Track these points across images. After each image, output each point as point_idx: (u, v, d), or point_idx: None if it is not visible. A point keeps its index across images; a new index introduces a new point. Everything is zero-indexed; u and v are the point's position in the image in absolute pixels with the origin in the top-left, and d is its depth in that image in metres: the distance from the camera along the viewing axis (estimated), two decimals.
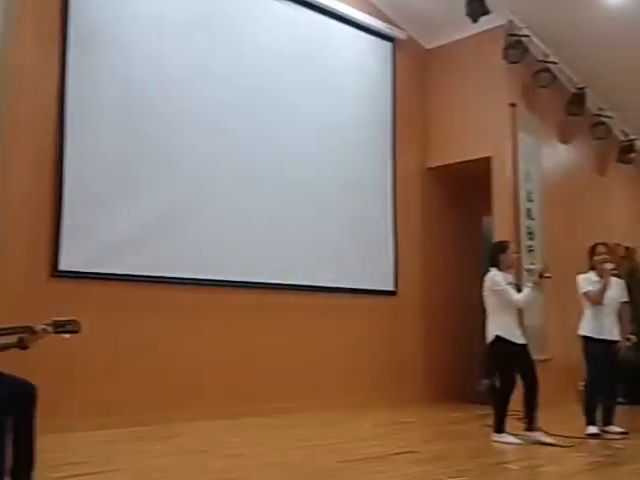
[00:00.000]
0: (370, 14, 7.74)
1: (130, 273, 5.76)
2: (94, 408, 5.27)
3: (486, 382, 7.98)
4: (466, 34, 7.88)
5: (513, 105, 7.65)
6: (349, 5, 7.50)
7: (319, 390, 6.71)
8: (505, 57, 7.51)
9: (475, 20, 7.12)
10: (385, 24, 7.89)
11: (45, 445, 3.52)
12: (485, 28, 7.52)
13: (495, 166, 7.67)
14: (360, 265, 7.38)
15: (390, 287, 7.73)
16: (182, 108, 6.21)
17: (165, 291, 5.91)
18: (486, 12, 7.08)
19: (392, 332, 7.63)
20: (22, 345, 3.68)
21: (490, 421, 5.25)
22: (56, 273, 5.40)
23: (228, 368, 6.12)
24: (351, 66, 7.63)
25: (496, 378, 5.49)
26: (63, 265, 5.42)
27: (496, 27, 7.56)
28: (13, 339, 3.68)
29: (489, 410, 5.37)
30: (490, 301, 5.33)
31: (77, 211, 5.49)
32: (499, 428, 5.13)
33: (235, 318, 6.25)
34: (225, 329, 6.18)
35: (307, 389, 6.60)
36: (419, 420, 6.52)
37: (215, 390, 5.98)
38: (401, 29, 8.07)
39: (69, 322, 3.82)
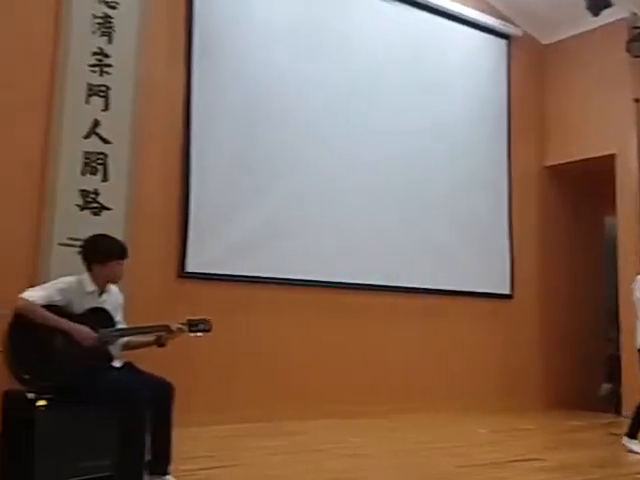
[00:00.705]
0: (483, 12, 7.61)
1: (248, 274, 5.92)
2: (214, 404, 5.47)
3: (607, 386, 7.69)
4: (586, 28, 7.61)
5: (638, 100, 7.32)
6: (462, 4, 7.41)
7: (429, 393, 6.66)
8: (628, 50, 7.20)
9: (596, 14, 6.87)
10: (499, 21, 7.74)
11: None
12: (606, 21, 7.25)
13: (619, 164, 7.36)
14: (474, 268, 7.26)
15: (505, 290, 7.56)
16: (289, 114, 6.28)
17: (282, 292, 6.05)
18: (608, 5, 6.82)
19: (507, 336, 7.47)
20: (160, 343, 3.91)
21: (616, 429, 5.05)
22: (183, 274, 5.65)
23: (343, 368, 6.20)
24: (462, 65, 7.51)
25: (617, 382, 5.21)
26: (190, 267, 5.67)
27: (618, 20, 7.28)
28: (151, 337, 3.93)
29: (612, 418, 5.15)
30: None
31: (201, 217, 5.71)
32: (632, 433, 4.93)
33: (348, 319, 6.32)
34: (339, 329, 6.26)
35: (417, 391, 6.57)
36: (538, 427, 6.35)
37: (332, 390, 6.07)
38: (516, 26, 7.90)
39: (202, 321, 4.00)
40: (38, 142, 4.61)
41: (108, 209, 4.79)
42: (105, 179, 4.82)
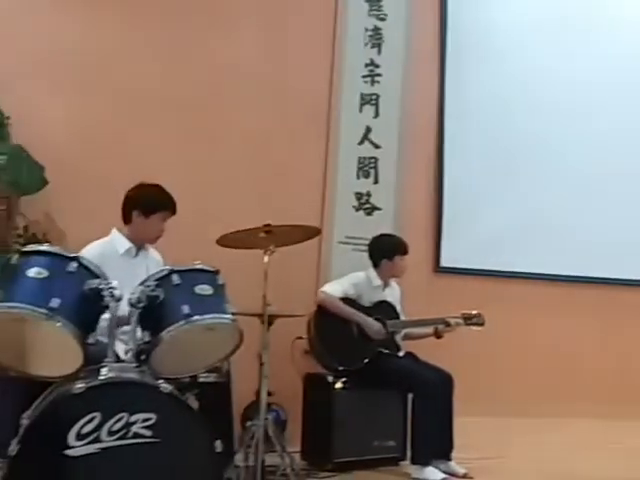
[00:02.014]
0: None
1: (500, 269, 5.99)
2: (474, 395, 5.61)
3: None
4: None
5: None
6: None
7: None
8: None
9: None
10: None
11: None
12: None
13: None
14: None
15: None
16: (550, 107, 6.23)
17: (535, 287, 6.04)
18: None
19: None
20: (437, 335, 4.19)
21: None
22: (438, 269, 5.89)
23: (601, 367, 6.02)
24: None
25: None
26: (444, 262, 5.89)
27: None
28: (430, 329, 4.22)
29: None
30: None
31: (455, 214, 5.87)
32: None
33: (611, 316, 6.12)
34: (601, 326, 6.09)
35: None
36: None
37: (593, 388, 5.93)
38: None
39: (476, 316, 4.23)
40: (321, 150, 5.09)
41: (379, 209, 5.15)
42: (376, 181, 5.18)
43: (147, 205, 3.04)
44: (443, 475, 3.67)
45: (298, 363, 4.21)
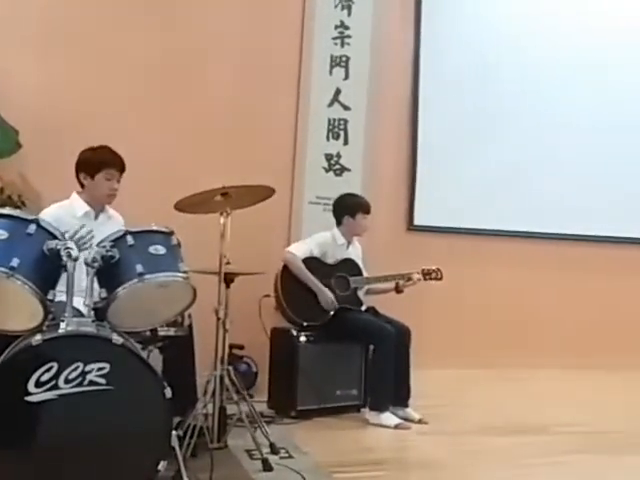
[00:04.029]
0: None
1: (471, 227, 6.18)
2: (440, 348, 5.84)
3: None
4: None
5: None
6: None
7: None
8: None
9: None
10: None
11: None
12: None
13: None
14: None
15: None
16: (523, 69, 6.30)
17: (503, 243, 6.21)
18: None
19: None
20: (398, 290, 4.39)
21: None
22: (412, 227, 6.06)
23: (560, 318, 6.18)
24: None
25: None
26: (417, 220, 6.06)
27: None
28: (391, 284, 4.42)
29: None
30: None
31: (428, 174, 6.02)
32: None
33: (566, 270, 6.30)
34: (558, 281, 6.25)
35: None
36: None
37: (554, 341, 6.14)
38: None
39: (435, 271, 4.44)
40: (291, 112, 5.21)
41: (348, 170, 5.30)
42: (346, 143, 5.31)
43: (90, 166, 3.18)
44: (398, 420, 3.91)
45: (266, 319, 4.41)
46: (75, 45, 4.69)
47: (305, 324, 4.16)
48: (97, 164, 3.18)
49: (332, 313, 4.14)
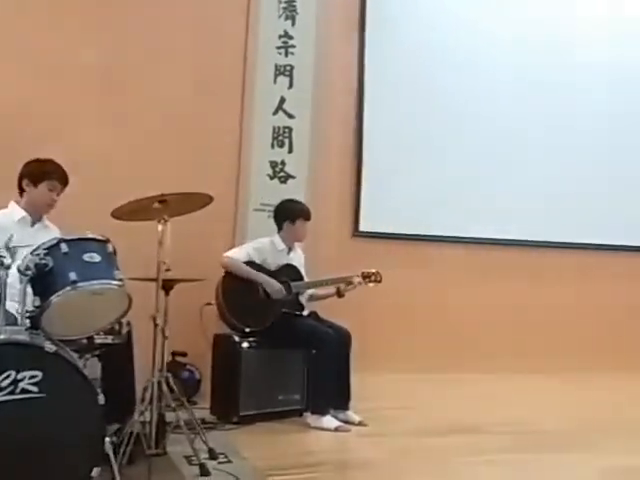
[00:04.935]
0: None
1: (418, 233, 6.32)
2: (387, 353, 5.94)
3: None
4: None
5: None
6: None
7: (588, 350, 6.59)
8: None
9: None
10: None
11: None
12: None
13: None
14: None
15: None
16: (471, 76, 6.44)
17: (453, 250, 6.36)
18: None
19: None
20: (340, 294, 4.48)
21: None
22: (357, 233, 6.16)
23: (513, 323, 6.33)
24: None
25: None
26: (362, 226, 6.17)
27: None
28: (333, 289, 4.50)
29: None
30: None
31: (373, 181, 6.13)
32: None
33: (520, 277, 6.47)
34: (512, 288, 6.41)
35: (575, 347, 6.55)
36: None
37: (503, 345, 6.26)
38: None
39: (374, 274, 4.55)
40: (236, 120, 5.27)
41: (293, 177, 5.37)
42: (290, 151, 5.39)
43: (35, 174, 3.31)
44: (338, 423, 3.99)
45: (209, 327, 4.44)
46: (9, 47, 4.65)
47: (247, 330, 4.21)
48: (42, 174, 3.31)
49: (272, 321, 4.18)
